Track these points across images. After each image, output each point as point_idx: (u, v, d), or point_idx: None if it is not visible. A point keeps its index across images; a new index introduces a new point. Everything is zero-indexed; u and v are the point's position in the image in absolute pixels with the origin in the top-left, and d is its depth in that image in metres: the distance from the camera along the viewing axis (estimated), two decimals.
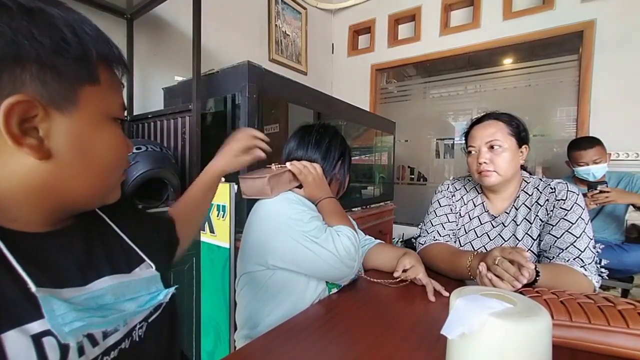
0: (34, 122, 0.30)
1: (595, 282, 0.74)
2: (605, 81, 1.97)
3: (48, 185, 0.32)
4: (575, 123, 2.09)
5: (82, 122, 0.33)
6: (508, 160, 0.86)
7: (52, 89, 0.30)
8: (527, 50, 2.35)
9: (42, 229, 0.34)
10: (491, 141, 0.86)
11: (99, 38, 0.34)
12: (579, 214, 0.79)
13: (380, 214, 2.13)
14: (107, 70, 0.35)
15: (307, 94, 1.47)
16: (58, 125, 0.31)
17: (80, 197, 0.36)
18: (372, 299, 0.72)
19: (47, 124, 0.31)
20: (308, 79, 2.75)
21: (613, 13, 1.93)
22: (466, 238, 0.96)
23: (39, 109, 0.30)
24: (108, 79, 0.35)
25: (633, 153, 1.89)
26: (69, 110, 0.32)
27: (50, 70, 0.30)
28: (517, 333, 0.34)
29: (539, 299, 0.58)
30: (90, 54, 0.32)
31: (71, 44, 0.30)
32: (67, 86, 0.31)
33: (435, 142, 2.75)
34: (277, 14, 2.48)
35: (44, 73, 0.29)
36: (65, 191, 0.34)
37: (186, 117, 1.25)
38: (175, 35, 1.72)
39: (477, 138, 0.89)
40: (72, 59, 0.31)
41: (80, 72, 0.32)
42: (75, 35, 0.31)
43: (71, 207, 0.36)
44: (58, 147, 0.31)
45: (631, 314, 0.52)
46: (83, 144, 0.33)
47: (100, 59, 0.34)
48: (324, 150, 0.84)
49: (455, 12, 2.55)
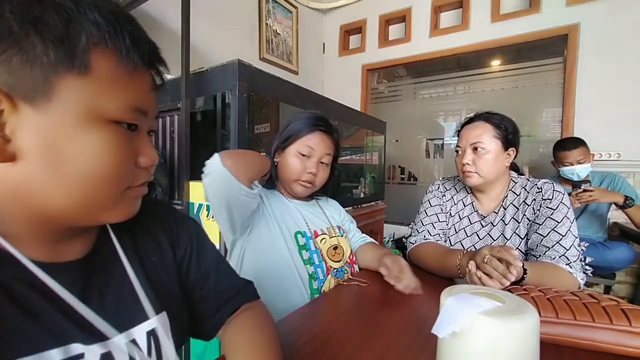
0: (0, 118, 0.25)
1: (580, 279, 0.76)
2: (589, 84, 2.02)
3: (19, 192, 0.28)
4: (561, 124, 2.14)
5: (57, 119, 0.27)
6: (490, 162, 0.87)
7: (21, 77, 0.25)
8: (514, 53, 2.40)
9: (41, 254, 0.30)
10: (475, 143, 0.88)
11: (107, 22, 0.27)
12: (565, 213, 0.81)
13: (371, 214, 2.14)
14: (108, 60, 0.28)
15: (298, 93, 1.46)
16: (26, 120, 0.26)
17: (60, 209, 0.29)
18: (361, 299, 0.72)
19: (14, 118, 0.26)
20: (299, 79, 2.74)
21: (596, 18, 1.99)
22: (456, 237, 0.97)
23: (3, 100, 0.25)
24: (107, 70, 0.28)
25: (615, 153, 1.95)
26: (40, 103, 0.26)
27: (18, 54, 0.24)
28: (507, 331, 0.35)
29: (526, 297, 0.59)
30: (78, 37, 0.26)
31: (50, 23, 0.25)
32: (38, 74, 0.25)
33: (425, 142, 2.78)
34: (268, 13, 2.47)
35: (8, 56, 0.24)
36: (40, 200, 0.28)
37: (175, 115, 1.23)
38: (163, 32, 1.69)
39: (464, 139, 0.91)
40: (49, 41, 0.25)
41: (56, 57, 0.25)
42: (60, 14, 0.25)
43: (58, 221, 0.31)
44: (25, 148, 0.26)
45: (614, 310, 0.54)
46: (56, 146, 0.27)
47: (96, 45, 0.27)
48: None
49: (445, 13, 2.58)
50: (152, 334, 0.36)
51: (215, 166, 0.68)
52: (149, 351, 0.36)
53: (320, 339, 0.54)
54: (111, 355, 0.32)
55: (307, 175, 0.83)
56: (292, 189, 0.86)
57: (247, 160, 0.74)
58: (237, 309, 0.49)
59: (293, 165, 0.83)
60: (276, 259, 0.78)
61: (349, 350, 0.51)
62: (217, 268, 0.49)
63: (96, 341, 0.31)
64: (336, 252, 0.87)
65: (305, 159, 0.83)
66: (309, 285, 0.78)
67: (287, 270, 0.77)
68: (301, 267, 0.78)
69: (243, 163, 0.71)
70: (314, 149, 0.83)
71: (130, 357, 0.33)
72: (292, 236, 0.81)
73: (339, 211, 1.02)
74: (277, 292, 0.75)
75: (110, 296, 0.34)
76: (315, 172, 0.83)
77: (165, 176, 1.17)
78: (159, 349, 0.37)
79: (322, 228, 0.88)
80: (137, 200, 0.35)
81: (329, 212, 0.96)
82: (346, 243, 0.92)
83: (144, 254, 0.39)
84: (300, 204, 0.89)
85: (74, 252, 0.33)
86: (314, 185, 0.86)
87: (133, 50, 0.29)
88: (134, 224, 0.39)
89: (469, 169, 0.89)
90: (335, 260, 0.85)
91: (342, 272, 0.86)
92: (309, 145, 0.82)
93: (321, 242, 0.85)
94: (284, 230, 0.81)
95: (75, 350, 0.29)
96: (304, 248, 0.81)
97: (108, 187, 0.31)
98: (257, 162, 0.77)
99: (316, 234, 0.86)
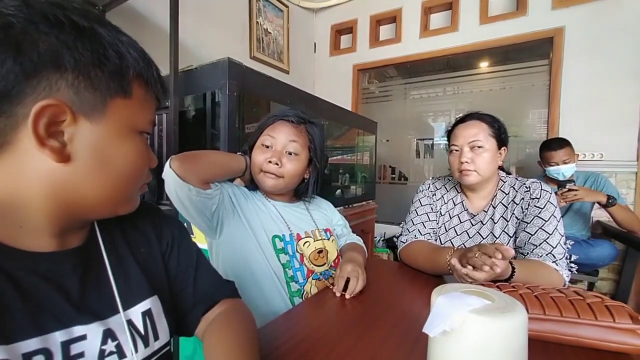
0: (61, 127, 0.31)
1: (565, 276, 0.77)
2: (573, 85, 2.07)
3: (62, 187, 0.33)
4: (547, 125, 2.19)
5: (106, 130, 0.34)
6: (488, 160, 0.88)
7: (84, 98, 0.32)
8: (502, 54, 2.44)
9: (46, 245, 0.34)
10: (473, 141, 0.88)
11: (141, 58, 0.36)
12: (552, 212, 0.83)
13: (363, 213, 2.15)
14: (142, 88, 0.37)
15: (290, 92, 1.45)
16: (83, 131, 0.33)
17: (92, 203, 0.36)
18: (351, 301, 0.71)
19: (72, 129, 0.32)
20: (290, 78, 2.73)
21: (580, 21, 2.04)
22: (446, 236, 0.98)
23: (68, 114, 0.31)
24: (141, 95, 0.37)
25: (598, 154, 2.01)
26: (96, 118, 0.33)
27: (86, 80, 0.32)
28: (497, 329, 0.35)
29: (514, 294, 0.60)
30: (127, 70, 0.35)
31: (110, 59, 0.33)
32: (98, 96, 0.33)
33: (416, 142, 2.81)
34: (259, 11, 2.45)
35: (79, 82, 0.31)
36: (78, 195, 0.34)
37: (163, 114, 1.21)
38: (151, 29, 1.66)
39: (460, 137, 0.91)
40: (108, 73, 0.33)
41: (113, 85, 0.34)
42: (117, 53, 0.34)
43: (82, 214, 0.37)
44: (78, 152, 0.33)
45: (599, 307, 0.55)
46: (103, 151, 0.34)
47: (136, 77, 0.36)
48: None
49: (435, 15, 2.61)
50: (147, 314, 0.41)
51: (165, 169, 0.68)
52: (145, 330, 0.40)
53: (310, 341, 0.54)
54: (112, 332, 0.36)
55: (269, 166, 0.79)
56: (260, 183, 0.82)
57: (202, 160, 0.73)
58: (212, 305, 0.50)
59: (255, 157, 0.81)
60: (249, 261, 0.76)
61: (340, 351, 0.51)
62: (196, 266, 0.51)
63: (95, 320, 0.35)
64: (320, 255, 0.84)
65: (268, 149, 0.81)
66: (288, 289, 0.77)
67: (263, 273, 0.76)
68: (279, 271, 0.76)
69: (193, 164, 0.70)
70: (275, 138, 0.80)
71: (130, 335, 0.38)
72: (269, 239, 0.78)
73: (332, 213, 1.00)
74: (255, 294, 0.74)
75: (106, 280, 0.38)
76: (276, 160, 0.79)
77: (153, 176, 1.15)
78: (155, 328, 0.41)
79: (306, 230, 0.85)
80: (139, 196, 0.42)
81: (316, 214, 0.93)
82: (332, 247, 0.89)
83: (134, 245, 0.44)
84: (282, 205, 0.86)
85: (75, 241, 0.38)
86: (284, 177, 0.81)
87: (155, 80, 0.38)
88: (124, 220, 0.43)
89: (467, 167, 0.89)
90: (318, 265, 0.83)
91: (325, 276, 0.83)
92: (270, 134, 0.80)
93: (304, 245, 0.82)
94: (258, 232, 0.78)
95: (77, 332, 0.34)
96: (282, 252, 0.78)
97: (133, 184, 0.39)
98: (218, 162, 0.76)
99: (299, 237, 0.83)
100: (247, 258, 0.76)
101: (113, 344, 0.36)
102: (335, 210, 1.02)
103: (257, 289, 0.75)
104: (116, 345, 0.36)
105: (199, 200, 0.70)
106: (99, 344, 0.35)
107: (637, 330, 0.52)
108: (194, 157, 0.72)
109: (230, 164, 0.80)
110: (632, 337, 0.51)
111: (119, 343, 0.36)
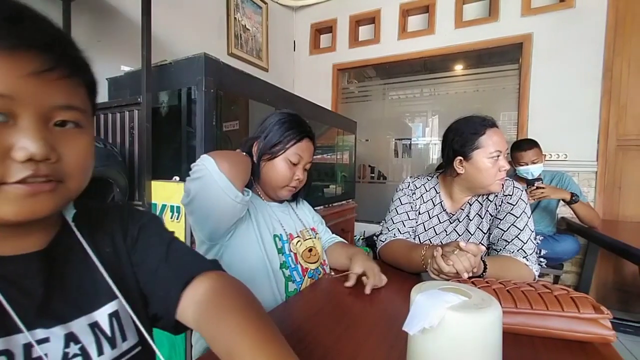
0: None
1: (535, 271, 0.81)
2: (540, 89, 2.19)
3: None
4: (516, 126, 2.30)
5: None
6: None
7: None
8: (476, 58, 2.54)
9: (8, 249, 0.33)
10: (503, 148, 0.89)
11: None
12: (523, 209, 0.87)
13: (343, 212, 2.16)
14: None
15: (269, 90, 1.43)
16: None
17: None
18: (331, 301, 0.71)
19: None
20: (269, 76, 2.70)
21: (546, 28, 2.15)
22: (426, 235, 1.00)
23: None
24: None
25: (563, 154, 2.13)
26: None
27: None
28: (474, 324, 0.36)
29: (488, 289, 0.62)
30: None
31: None
32: None
33: (394, 142, 2.86)
34: (237, 7, 2.39)
35: None
36: None
37: (134, 110, 1.15)
38: (121, 20, 1.57)
39: (501, 143, 0.88)
40: None
41: None
42: None
43: None
44: None
45: (565, 299, 0.58)
46: None
47: None
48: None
49: (412, 17, 2.67)
50: (114, 316, 0.39)
51: (210, 170, 0.63)
52: (112, 331, 0.38)
53: (291, 341, 0.53)
54: (74, 335, 0.35)
55: (295, 182, 0.83)
56: (277, 193, 0.84)
57: (240, 163, 0.70)
58: (191, 278, 0.42)
59: (282, 172, 0.81)
60: (253, 263, 0.75)
61: (320, 352, 0.51)
62: (168, 250, 0.44)
63: (58, 323, 0.34)
64: (311, 254, 0.86)
65: (294, 166, 0.82)
66: (285, 289, 0.77)
67: (263, 275, 0.75)
68: (277, 271, 0.77)
69: (237, 166, 0.67)
70: (302, 157, 0.83)
71: (95, 337, 0.36)
72: (272, 239, 0.79)
73: (310, 212, 1.01)
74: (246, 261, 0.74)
75: (71, 283, 0.37)
76: (302, 178, 0.84)
77: (123, 175, 1.09)
78: (123, 329, 0.39)
79: (296, 230, 0.87)
80: (24, 199, 0.30)
81: (301, 214, 0.95)
82: (319, 245, 0.92)
83: (101, 246, 0.41)
84: (276, 206, 0.88)
85: (34, 245, 0.35)
86: (296, 189, 0.87)
87: None
88: (92, 221, 0.41)
89: (504, 176, 0.89)
90: (311, 262, 0.85)
91: (317, 273, 0.86)
92: (299, 153, 0.82)
93: (297, 245, 0.84)
94: (264, 234, 0.79)
95: (39, 335, 0.32)
96: (281, 252, 0.80)
97: None
98: (247, 166, 0.74)
99: (291, 237, 0.84)
100: (250, 260, 0.75)
101: (77, 347, 0.35)
102: (311, 207, 1.04)
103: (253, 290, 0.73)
104: (80, 347, 0.35)
105: (239, 207, 0.67)
106: (62, 347, 0.34)
107: (599, 319, 0.55)
108: (236, 159, 0.69)
109: (249, 169, 0.77)
110: (595, 327, 0.55)
111: (83, 346, 0.35)
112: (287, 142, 0.80)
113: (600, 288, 2.10)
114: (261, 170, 0.82)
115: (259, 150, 0.82)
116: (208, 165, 0.63)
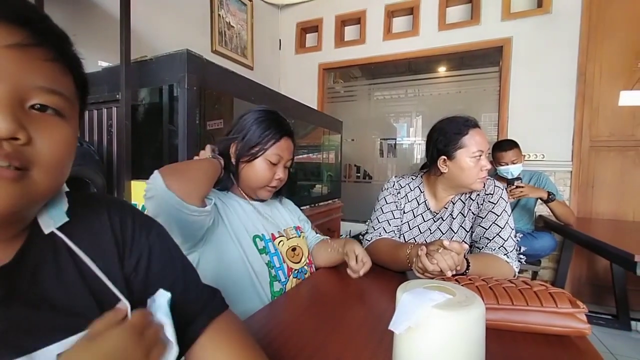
0: None
1: (515, 267, 0.83)
2: (519, 91, 2.27)
3: None
4: (497, 127, 2.37)
5: None
6: None
7: None
8: (458, 60, 2.60)
9: None
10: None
11: None
12: (503, 207, 0.89)
13: (328, 212, 2.16)
14: None
15: (254, 89, 1.41)
16: None
17: None
18: (316, 302, 0.71)
19: None
20: (254, 74, 2.66)
21: (525, 33, 2.23)
22: (410, 234, 1.01)
23: None
24: None
25: (540, 154, 2.21)
26: None
27: None
28: (458, 321, 0.36)
29: (471, 286, 0.63)
30: None
31: None
32: None
33: (379, 141, 2.89)
34: (220, 3, 2.35)
35: None
36: None
37: (113, 107, 1.11)
38: (98, 14, 1.51)
39: (483, 143, 0.90)
40: None
41: None
42: None
43: None
44: None
45: (544, 294, 0.60)
46: None
47: None
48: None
49: (397, 19, 2.70)
50: None
51: (159, 189, 0.60)
52: None
53: (278, 343, 0.52)
54: None
55: (276, 182, 0.83)
56: (257, 194, 0.83)
57: (195, 176, 0.67)
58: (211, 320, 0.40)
59: (262, 173, 0.80)
60: (232, 266, 0.73)
61: (307, 352, 0.50)
62: (184, 276, 0.41)
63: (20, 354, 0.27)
64: (295, 253, 0.85)
65: (274, 166, 0.81)
66: (270, 289, 0.75)
67: (245, 277, 0.73)
68: (260, 272, 0.75)
69: (190, 181, 0.64)
70: (282, 157, 0.82)
71: None
72: (251, 240, 0.77)
73: (295, 211, 1.01)
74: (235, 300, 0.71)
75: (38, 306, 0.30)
76: (283, 177, 0.83)
77: (100, 175, 1.05)
78: None
79: (279, 230, 0.86)
80: None
81: (285, 213, 0.94)
82: (304, 244, 0.91)
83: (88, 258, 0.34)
84: (257, 205, 0.86)
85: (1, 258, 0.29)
86: (277, 188, 0.86)
87: None
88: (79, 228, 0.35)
89: (485, 175, 0.91)
90: (295, 262, 0.84)
91: (302, 273, 0.85)
92: (278, 153, 0.80)
93: (279, 244, 0.83)
94: (241, 235, 0.76)
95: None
96: (264, 252, 0.78)
97: None
98: (207, 174, 0.70)
99: (274, 237, 0.83)
100: (229, 263, 0.73)
101: None
102: (296, 207, 1.03)
103: (236, 293, 0.71)
104: None
105: (199, 219, 0.64)
106: None
107: (575, 314, 0.57)
108: (190, 172, 0.66)
109: (215, 174, 0.74)
110: (572, 321, 0.57)
111: None
112: (266, 143, 0.79)
113: (575, 282, 2.19)
114: (240, 172, 0.81)
115: (237, 151, 0.80)
116: (156, 184, 0.61)
